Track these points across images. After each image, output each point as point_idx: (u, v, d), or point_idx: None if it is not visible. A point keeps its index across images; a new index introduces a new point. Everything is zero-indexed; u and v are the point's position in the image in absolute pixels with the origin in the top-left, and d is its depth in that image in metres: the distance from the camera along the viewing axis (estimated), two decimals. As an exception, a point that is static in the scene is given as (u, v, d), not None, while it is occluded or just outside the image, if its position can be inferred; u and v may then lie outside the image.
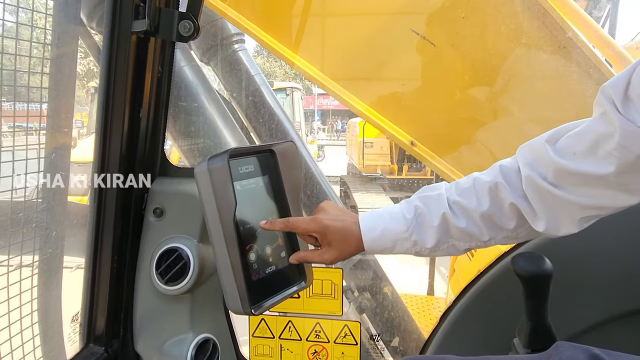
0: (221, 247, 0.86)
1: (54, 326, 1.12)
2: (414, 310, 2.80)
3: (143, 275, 1.11)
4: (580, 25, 1.30)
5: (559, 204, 0.77)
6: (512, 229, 0.83)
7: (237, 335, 1.20)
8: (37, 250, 1.08)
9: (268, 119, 1.97)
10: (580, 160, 0.74)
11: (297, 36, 1.43)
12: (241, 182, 0.93)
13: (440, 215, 0.86)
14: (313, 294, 1.18)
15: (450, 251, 0.88)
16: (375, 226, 0.90)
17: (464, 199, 0.86)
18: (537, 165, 0.79)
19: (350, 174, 10.87)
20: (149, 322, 1.13)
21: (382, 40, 1.40)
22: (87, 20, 1.31)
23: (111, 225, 1.07)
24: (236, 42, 1.97)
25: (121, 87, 1.03)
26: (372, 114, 1.39)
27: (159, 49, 1.07)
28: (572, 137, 0.76)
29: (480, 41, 1.34)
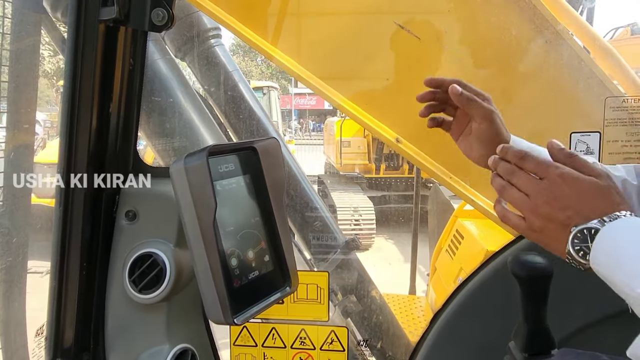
0: (200, 253, 0.80)
1: (17, 340, 1.03)
2: (397, 310, 2.77)
3: (115, 283, 1.04)
4: (566, 19, 1.27)
5: None
6: None
7: (218, 344, 1.13)
8: (-3, 258, 0.99)
9: (247, 117, 1.91)
10: None
11: (278, 30, 1.36)
12: (221, 181, 0.87)
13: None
14: (298, 299, 1.12)
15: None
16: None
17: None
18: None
19: (328, 173, 10.84)
20: (122, 334, 1.05)
21: (366, 35, 1.35)
22: (51, 10, 1.22)
23: (79, 230, 0.99)
24: (213, 37, 1.90)
25: (88, 81, 0.95)
26: (356, 111, 1.34)
27: (129, 39, 1.00)
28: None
29: (466, 35, 1.30)
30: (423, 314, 2.75)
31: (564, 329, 1.05)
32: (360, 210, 7.64)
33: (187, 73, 1.91)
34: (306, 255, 1.92)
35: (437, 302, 2.75)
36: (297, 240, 1.87)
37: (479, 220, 2.55)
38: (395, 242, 6.69)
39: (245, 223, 0.90)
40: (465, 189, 1.35)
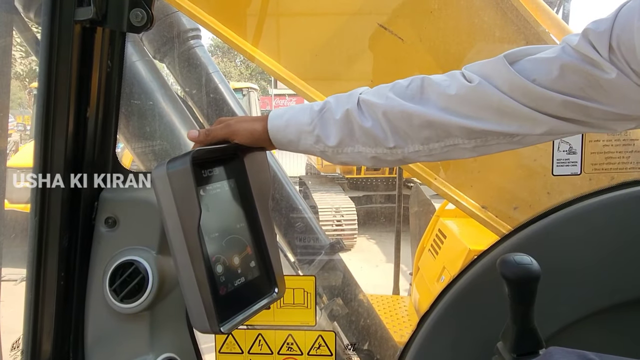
0: (184, 261, 0.77)
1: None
2: (381, 310, 2.77)
3: (94, 293, 1.00)
4: (547, 21, 1.29)
5: (507, 111, 0.72)
6: (422, 141, 0.78)
7: (202, 352, 1.11)
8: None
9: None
10: (541, 86, 0.70)
11: (259, 32, 1.34)
12: (205, 187, 0.84)
13: (345, 110, 0.81)
14: (284, 304, 1.10)
15: (356, 158, 0.83)
16: (282, 115, 0.86)
17: (375, 96, 0.80)
18: (490, 78, 0.73)
19: (309, 174, 10.82)
20: (103, 345, 1.02)
21: (349, 36, 1.34)
22: (23, 10, 1.18)
23: (56, 238, 0.96)
24: (192, 38, 1.87)
25: (64, 83, 0.91)
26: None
27: (107, 40, 0.97)
28: (534, 62, 0.72)
29: (450, 35, 1.30)
30: (407, 314, 2.75)
31: (548, 328, 1.05)
32: (342, 210, 7.63)
33: (165, 74, 1.88)
34: (290, 258, 1.91)
35: (421, 301, 2.76)
36: (281, 243, 1.85)
37: (461, 220, 2.56)
38: (377, 242, 6.71)
39: (231, 229, 0.88)
40: (449, 189, 1.35)
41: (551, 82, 0.69)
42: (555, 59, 0.70)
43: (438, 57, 1.31)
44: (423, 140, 0.78)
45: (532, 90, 0.70)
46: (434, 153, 0.79)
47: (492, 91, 0.72)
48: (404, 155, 0.81)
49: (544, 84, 0.70)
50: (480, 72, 0.75)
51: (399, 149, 0.80)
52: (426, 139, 0.78)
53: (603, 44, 0.65)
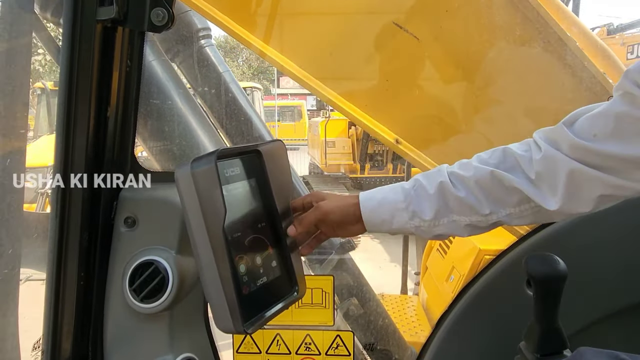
0: (209, 260, 0.77)
1: (11, 354, 0.99)
2: (389, 310, 2.76)
3: (114, 293, 1.00)
4: (562, 19, 1.28)
5: (579, 178, 0.75)
6: (514, 204, 0.82)
7: (221, 352, 1.11)
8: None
9: (239, 118, 1.87)
10: (602, 142, 0.72)
11: (275, 30, 1.34)
12: (227, 186, 0.84)
13: (438, 183, 0.85)
14: (302, 304, 1.10)
15: (451, 228, 0.86)
16: (374, 196, 0.90)
17: (462, 169, 0.85)
18: (555, 144, 0.77)
19: (312, 174, 10.82)
20: (123, 344, 1.02)
21: (364, 35, 1.33)
22: (40, 10, 1.18)
23: (77, 238, 0.96)
24: (203, 37, 1.86)
25: (85, 83, 0.91)
26: (355, 112, 1.33)
27: (127, 40, 0.96)
28: (591, 119, 0.75)
29: (465, 35, 1.30)
30: (416, 314, 2.75)
31: (568, 327, 1.05)
32: (346, 210, 7.61)
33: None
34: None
35: (429, 301, 2.76)
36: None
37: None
38: (381, 242, 6.70)
39: (252, 228, 0.88)
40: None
41: (610, 135, 0.72)
42: (608, 110, 0.73)
43: (456, 57, 1.31)
44: (515, 203, 0.82)
45: (591, 148, 0.73)
46: (525, 214, 0.82)
47: (559, 156, 0.76)
48: (498, 219, 0.84)
49: (604, 138, 0.72)
50: (546, 138, 0.79)
51: (494, 214, 0.83)
52: (518, 201, 0.81)
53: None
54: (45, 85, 7.70)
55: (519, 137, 0.97)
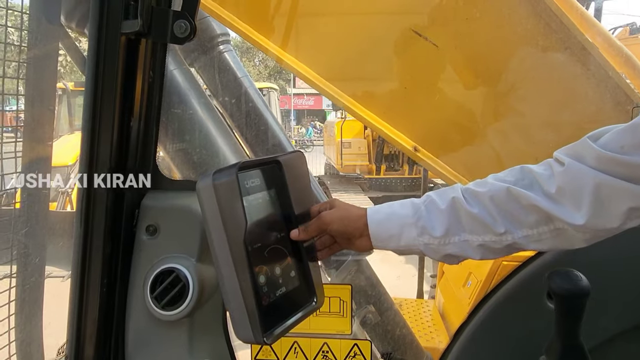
0: (229, 272, 0.78)
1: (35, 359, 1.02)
2: (405, 314, 2.76)
3: (135, 299, 1.02)
4: (586, 28, 1.26)
5: (606, 190, 0.72)
6: (532, 225, 0.78)
7: (238, 358, 1.12)
8: (13, 276, 0.97)
9: (257, 124, 1.88)
10: (630, 153, 0.70)
11: (294, 38, 1.35)
12: (247, 197, 0.85)
13: (450, 199, 0.82)
14: (320, 312, 1.11)
15: (462, 248, 0.82)
16: (382, 209, 0.88)
17: (477, 186, 0.82)
18: (580, 157, 0.75)
19: (328, 174, 10.83)
20: (143, 350, 1.03)
21: (383, 43, 1.33)
22: (65, 20, 1.20)
23: (100, 246, 0.97)
24: (222, 43, 1.88)
25: (109, 95, 0.93)
26: (374, 119, 1.33)
27: (149, 51, 0.98)
28: (618, 133, 0.73)
29: (485, 43, 1.29)
30: (432, 319, 2.73)
31: (590, 340, 1.03)
32: (361, 211, 7.59)
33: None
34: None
35: (446, 306, 2.74)
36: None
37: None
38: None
39: (272, 239, 0.89)
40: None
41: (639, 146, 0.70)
42: (636, 123, 0.71)
43: (475, 65, 1.30)
44: (532, 224, 0.78)
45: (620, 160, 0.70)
46: (543, 238, 0.78)
47: (584, 169, 0.73)
48: (513, 241, 0.79)
49: (632, 149, 0.70)
50: (568, 153, 0.76)
51: (509, 234, 0.79)
52: (536, 222, 0.78)
53: None
54: (66, 86, 7.84)
55: (539, 147, 0.96)
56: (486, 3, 1.24)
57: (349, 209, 0.94)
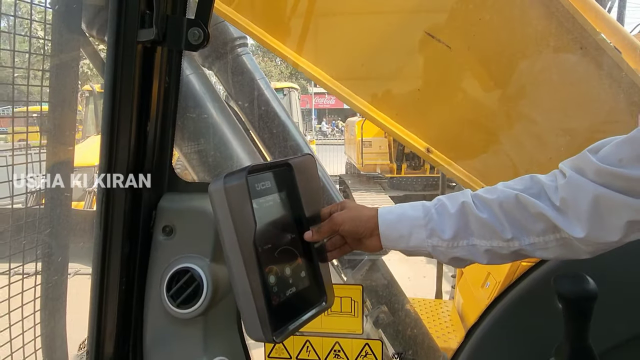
0: (240, 272, 0.81)
1: (59, 353, 1.06)
2: (423, 314, 2.75)
3: (152, 298, 1.05)
4: (604, 28, 1.25)
5: (604, 203, 0.73)
6: (539, 233, 0.79)
7: (252, 356, 1.14)
8: (39, 274, 1.02)
9: (274, 125, 1.91)
10: (628, 166, 0.71)
11: (308, 42, 1.37)
12: (258, 200, 0.87)
13: (460, 203, 0.84)
14: (332, 312, 1.13)
15: (470, 252, 0.83)
16: (393, 210, 0.90)
17: (487, 193, 0.83)
18: (580, 170, 0.76)
19: (349, 173, 10.83)
20: (160, 347, 1.07)
21: (395, 45, 1.34)
22: (87, 28, 1.25)
23: (119, 246, 1.01)
24: (239, 46, 1.91)
25: (127, 101, 0.97)
26: (386, 121, 1.34)
27: (165, 58, 1.01)
28: (616, 145, 0.73)
29: (498, 44, 1.29)
30: (450, 319, 2.72)
31: (601, 344, 1.03)
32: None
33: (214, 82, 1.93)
34: (333, 261, 1.92)
35: (465, 306, 2.72)
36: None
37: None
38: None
39: (283, 240, 0.91)
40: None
41: (637, 159, 0.70)
42: (634, 136, 0.71)
43: (489, 66, 1.30)
44: (540, 232, 0.79)
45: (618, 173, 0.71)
46: (550, 246, 0.79)
47: (583, 182, 0.74)
48: (520, 247, 0.81)
49: (630, 162, 0.70)
50: (570, 165, 0.78)
51: (516, 240, 0.81)
52: (542, 230, 0.79)
53: None
54: (93, 88, 8.04)
55: (552, 152, 0.96)
56: (498, 4, 1.23)
57: (360, 209, 0.95)
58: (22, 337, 1.02)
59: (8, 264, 0.96)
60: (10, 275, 0.97)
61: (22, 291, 1.00)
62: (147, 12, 0.93)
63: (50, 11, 1.04)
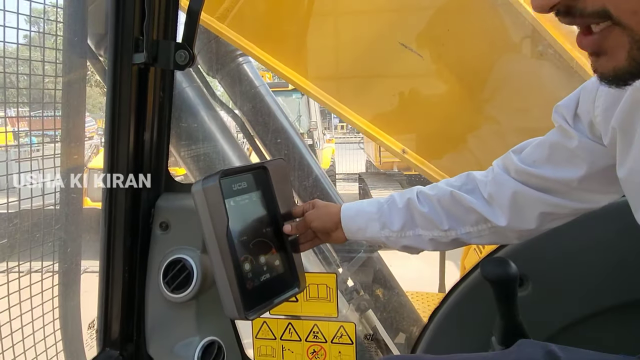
0: (217, 260, 0.95)
1: (74, 332, 1.23)
2: (426, 308, 2.85)
3: (152, 284, 1.21)
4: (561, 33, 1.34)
5: (521, 197, 0.85)
6: (472, 223, 0.91)
7: (242, 337, 1.29)
8: (56, 263, 1.19)
9: (273, 128, 2.05)
10: (539, 167, 0.82)
11: (295, 54, 1.50)
12: (235, 198, 1.01)
13: (406, 199, 0.96)
14: (310, 298, 1.26)
15: (417, 241, 0.96)
16: (353, 207, 1.03)
17: (430, 189, 0.96)
18: (506, 169, 0.88)
19: (368, 172, 10.88)
20: (159, 327, 1.22)
21: (373, 54, 1.46)
22: (95, 48, 1.42)
23: (121, 240, 1.17)
24: (240, 56, 2.06)
25: (126, 113, 1.12)
26: (365, 125, 1.46)
27: (159, 75, 1.16)
28: (533, 147, 0.86)
29: (466, 52, 1.39)
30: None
31: (553, 324, 1.13)
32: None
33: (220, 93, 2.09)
34: (334, 255, 2.06)
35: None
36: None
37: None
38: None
39: (258, 233, 1.05)
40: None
41: (546, 161, 0.82)
42: (545, 140, 0.84)
43: (457, 73, 1.41)
44: (473, 222, 0.92)
45: (532, 172, 0.83)
46: (483, 234, 0.92)
47: (505, 179, 0.87)
48: (457, 236, 0.94)
49: (541, 164, 0.82)
50: (499, 164, 0.90)
51: (453, 230, 0.93)
52: (475, 221, 0.92)
53: (569, 114, 0.78)
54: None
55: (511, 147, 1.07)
56: (463, 16, 1.34)
57: (328, 207, 1.09)
58: (42, 318, 1.19)
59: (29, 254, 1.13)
60: (31, 264, 1.14)
61: (42, 279, 1.17)
62: (140, 37, 1.08)
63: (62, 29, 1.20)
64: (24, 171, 1.12)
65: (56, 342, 1.19)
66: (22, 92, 1.16)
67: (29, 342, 1.14)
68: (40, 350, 1.16)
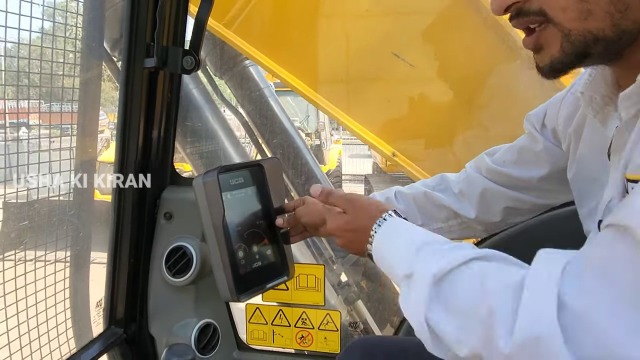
0: (214, 247, 1.05)
1: (82, 311, 1.34)
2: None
3: (155, 269, 1.32)
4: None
5: (489, 193, 0.95)
6: (443, 219, 1.01)
7: (236, 322, 1.39)
8: (68, 247, 1.30)
9: (276, 128, 2.16)
10: (509, 167, 0.94)
11: (298, 62, 1.61)
12: (232, 192, 1.12)
13: (385, 198, 1.06)
14: (300, 287, 1.36)
15: None
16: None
17: (407, 189, 1.06)
18: (478, 168, 0.99)
19: (375, 173, 10.95)
20: (161, 308, 1.33)
21: (368, 62, 1.56)
22: (110, 50, 1.53)
23: (129, 228, 1.28)
24: (246, 59, 2.17)
25: (137, 112, 1.23)
26: (359, 128, 1.56)
27: (168, 78, 1.27)
28: (504, 150, 0.97)
29: (456, 62, 1.49)
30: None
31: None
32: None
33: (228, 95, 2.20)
34: (330, 252, 2.16)
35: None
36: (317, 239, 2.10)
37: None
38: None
39: (252, 224, 1.15)
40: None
41: (514, 162, 0.93)
42: (515, 144, 0.95)
43: (447, 81, 1.51)
44: (444, 219, 1.02)
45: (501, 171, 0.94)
46: (453, 229, 1.02)
47: (477, 176, 0.98)
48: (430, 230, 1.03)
49: (510, 165, 0.93)
50: (472, 165, 1.01)
51: (426, 226, 1.02)
52: (446, 217, 1.01)
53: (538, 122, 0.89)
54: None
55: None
56: (453, 29, 1.44)
57: (316, 204, 1.18)
58: (54, 297, 1.30)
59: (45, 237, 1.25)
60: (46, 246, 1.25)
61: (55, 260, 1.28)
62: (152, 44, 1.19)
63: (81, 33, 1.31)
64: (43, 161, 1.23)
65: (66, 318, 1.31)
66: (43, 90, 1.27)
67: (42, 317, 1.25)
68: (52, 326, 1.27)
